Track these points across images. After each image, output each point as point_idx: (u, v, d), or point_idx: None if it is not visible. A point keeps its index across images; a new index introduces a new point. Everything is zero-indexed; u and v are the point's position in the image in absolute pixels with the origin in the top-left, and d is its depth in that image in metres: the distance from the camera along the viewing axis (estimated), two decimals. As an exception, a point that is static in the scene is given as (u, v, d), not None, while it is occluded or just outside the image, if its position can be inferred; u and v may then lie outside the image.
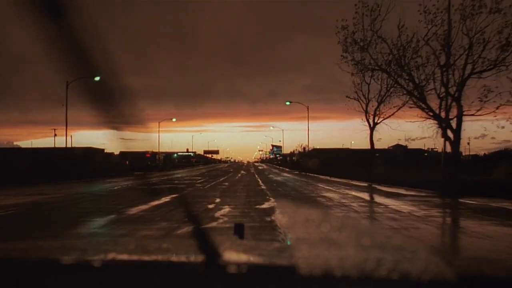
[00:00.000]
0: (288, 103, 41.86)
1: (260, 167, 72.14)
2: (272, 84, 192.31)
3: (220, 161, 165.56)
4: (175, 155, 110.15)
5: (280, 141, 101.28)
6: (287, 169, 53.36)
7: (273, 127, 73.22)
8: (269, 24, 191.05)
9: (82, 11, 0.66)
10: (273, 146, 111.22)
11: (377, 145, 31.76)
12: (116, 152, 60.44)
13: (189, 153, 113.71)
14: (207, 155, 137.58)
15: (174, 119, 54.23)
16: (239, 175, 35.31)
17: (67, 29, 0.65)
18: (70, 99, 29.16)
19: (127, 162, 48.18)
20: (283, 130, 76.88)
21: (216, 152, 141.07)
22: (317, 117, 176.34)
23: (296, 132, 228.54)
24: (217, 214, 9.47)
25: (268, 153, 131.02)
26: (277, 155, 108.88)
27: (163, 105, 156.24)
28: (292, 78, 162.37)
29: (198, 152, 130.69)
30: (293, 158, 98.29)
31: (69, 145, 36.89)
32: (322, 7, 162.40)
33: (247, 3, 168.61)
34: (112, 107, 0.74)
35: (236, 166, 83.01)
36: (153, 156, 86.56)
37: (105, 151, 43.99)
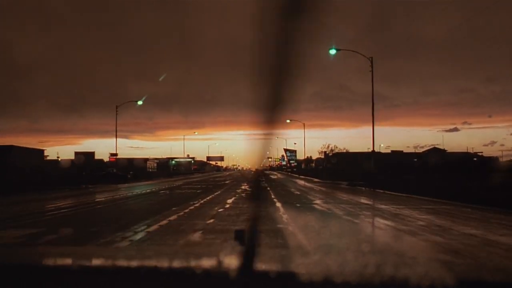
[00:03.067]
0: (334, 52, 25.11)
1: (272, 176, 55.96)
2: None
3: (226, 168, 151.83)
4: (173, 161, 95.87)
5: (295, 143, 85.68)
6: (315, 180, 37.74)
7: (290, 120, 53.09)
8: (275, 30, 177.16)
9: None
10: (286, 150, 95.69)
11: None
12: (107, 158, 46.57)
13: (189, 159, 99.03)
14: (211, 162, 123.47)
15: (140, 102, 40.61)
16: (227, 205, 15.26)
17: None
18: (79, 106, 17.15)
19: (83, 172, 33.36)
20: (304, 124, 57.30)
21: (221, 158, 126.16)
22: (325, 125, 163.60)
23: (305, 140, 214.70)
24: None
25: (278, 159, 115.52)
26: (291, 161, 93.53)
27: (171, 113, 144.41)
28: (300, 85, 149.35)
29: (199, 159, 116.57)
30: (311, 164, 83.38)
31: None
32: (329, 14, 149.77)
33: (253, 10, 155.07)
34: None
35: (239, 175, 66.25)
36: (145, 163, 71.78)
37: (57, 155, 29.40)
